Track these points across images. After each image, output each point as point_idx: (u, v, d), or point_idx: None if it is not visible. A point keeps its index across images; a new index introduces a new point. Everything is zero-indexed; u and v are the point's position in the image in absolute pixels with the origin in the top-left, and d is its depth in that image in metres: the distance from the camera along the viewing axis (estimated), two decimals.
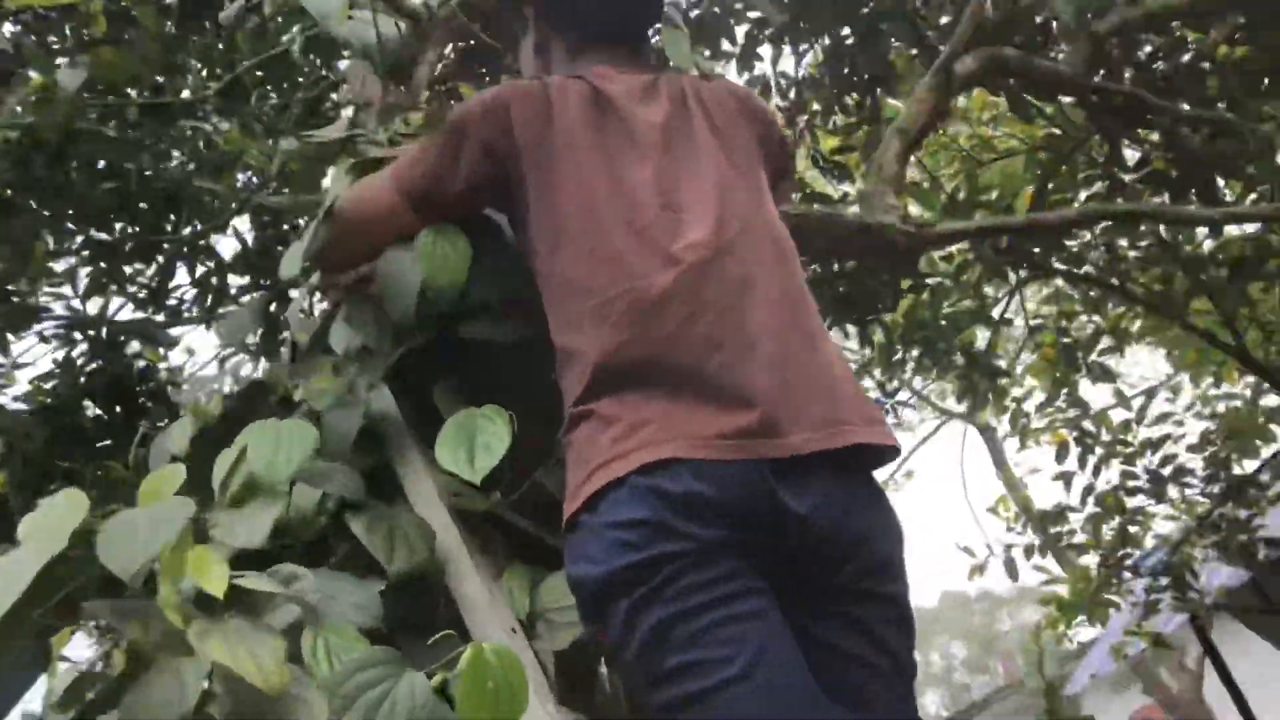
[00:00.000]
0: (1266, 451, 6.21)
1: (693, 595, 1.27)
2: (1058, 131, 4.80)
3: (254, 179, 3.26)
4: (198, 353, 4.48)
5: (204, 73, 3.16)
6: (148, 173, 2.81)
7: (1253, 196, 3.99)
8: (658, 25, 2.07)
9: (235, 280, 3.63)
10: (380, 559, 1.47)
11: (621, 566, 1.29)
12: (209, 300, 3.58)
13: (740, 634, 1.25)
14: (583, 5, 1.78)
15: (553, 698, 1.43)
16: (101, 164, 2.99)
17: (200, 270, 3.59)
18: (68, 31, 3.27)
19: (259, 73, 2.72)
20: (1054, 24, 3.61)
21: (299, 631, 1.28)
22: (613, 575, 1.30)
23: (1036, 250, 4.86)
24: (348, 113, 2.40)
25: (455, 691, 1.26)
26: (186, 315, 3.59)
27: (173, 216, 3.32)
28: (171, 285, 3.57)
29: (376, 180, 1.69)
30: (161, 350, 3.45)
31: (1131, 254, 5.48)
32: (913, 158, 3.40)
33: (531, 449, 1.72)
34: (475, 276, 1.76)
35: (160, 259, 3.50)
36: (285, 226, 3.80)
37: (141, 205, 3.18)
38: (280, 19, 2.25)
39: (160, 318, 3.46)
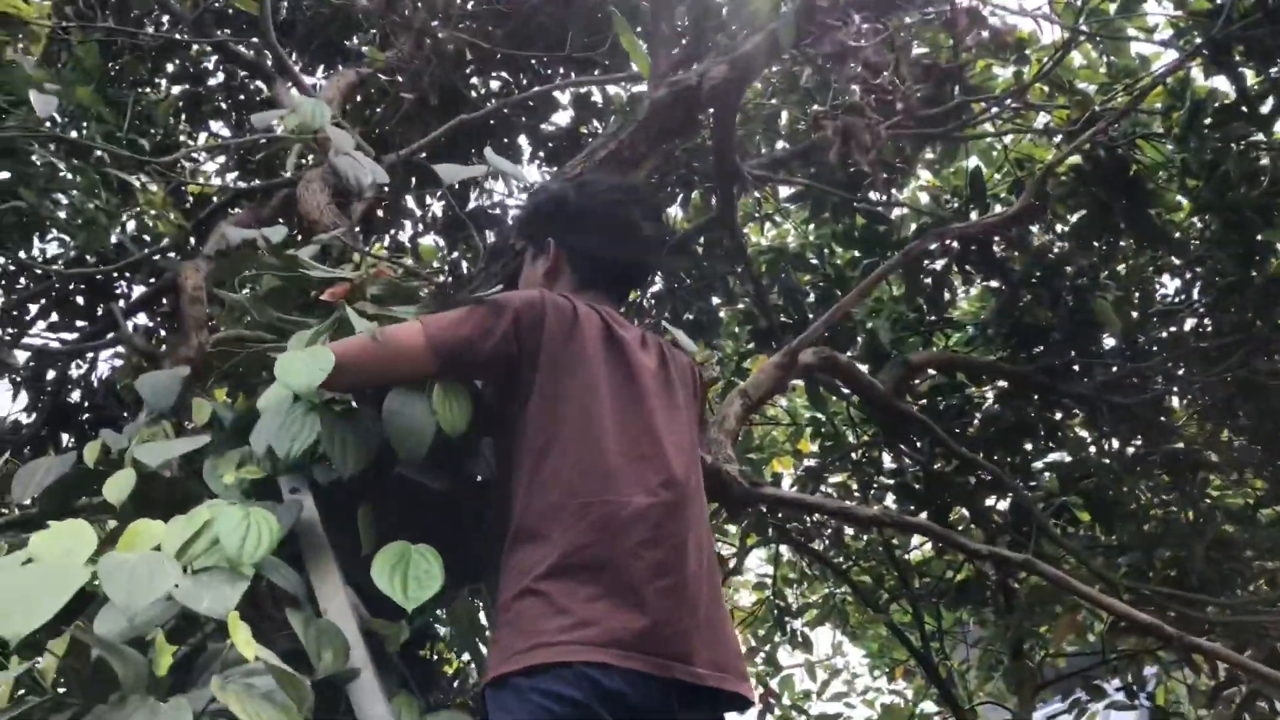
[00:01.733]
0: None
1: None
2: (821, 416, 5.45)
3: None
4: None
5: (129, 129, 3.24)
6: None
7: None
8: None
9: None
10: (311, 658, 1.61)
11: None
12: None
13: None
14: (603, 257, 2.11)
15: None
16: None
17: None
18: None
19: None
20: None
21: None
22: None
23: (780, 515, 5.40)
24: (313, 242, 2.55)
25: None
26: None
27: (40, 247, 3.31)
28: None
29: (409, 327, 1.89)
30: None
31: (855, 544, 6.14)
32: None
33: None
34: None
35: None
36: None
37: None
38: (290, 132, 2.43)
39: None
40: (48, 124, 2.70)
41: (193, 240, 3.16)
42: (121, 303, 3.86)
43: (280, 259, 2.30)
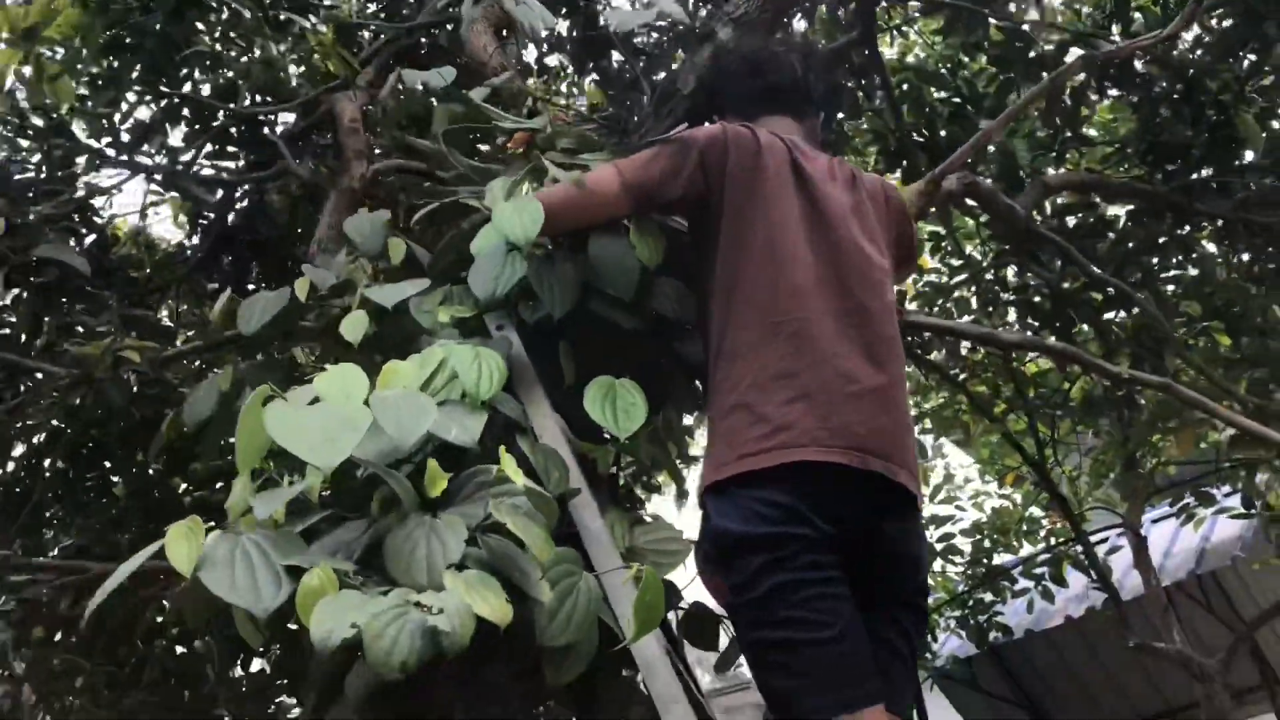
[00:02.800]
0: (1024, 551, 7.15)
1: (809, 570, 1.71)
2: (941, 231, 5.48)
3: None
4: None
5: None
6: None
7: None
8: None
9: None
10: (541, 478, 1.82)
11: (761, 534, 1.73)
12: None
13: (836, 608, 1.70)
14: (760, 82, 2.22)
15: None
16: None
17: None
18: None
19: None
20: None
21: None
22: (753, 537, 1.73)
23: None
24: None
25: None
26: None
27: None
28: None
29: (604, 171, 2.04)
30: None
31: (972, 357, 6.25)
32: None
33: None
34: None
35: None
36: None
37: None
38: None
39: None
40: None
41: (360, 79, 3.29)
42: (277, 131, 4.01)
43: (467, 105, 2.42)
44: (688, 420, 2.65)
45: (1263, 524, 5.81)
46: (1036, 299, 5.03)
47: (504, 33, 2.80)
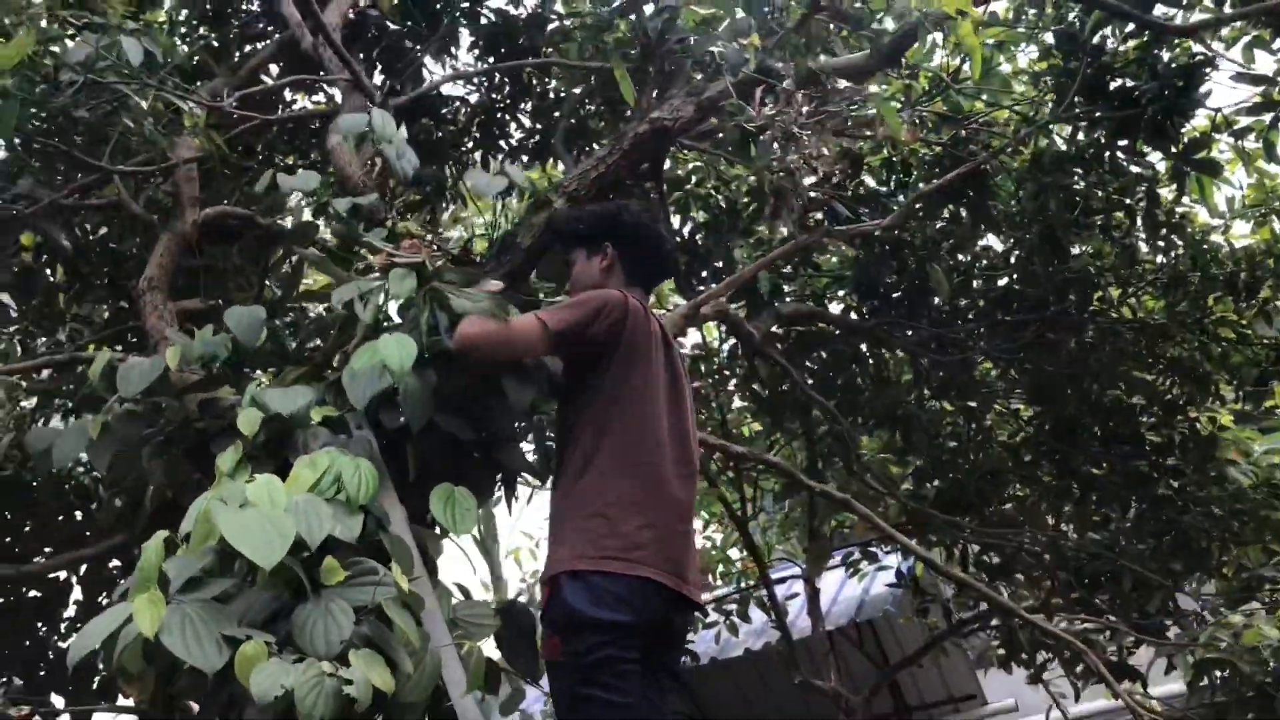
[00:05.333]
0: (719, 589, 8.13)
1: (628, 650, 2.42)
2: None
3: None
4: None
5: None
6: None
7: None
8: None
9: None
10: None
11: (605, 618, 2.40)
12: None
13: (636, 684, 2.42)
14: (647, 261, 2.85)
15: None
16: None
17: None
18: None
19: None
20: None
21: None
22: (599, 620, 2.40)
23: None
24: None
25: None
26: None
27: None
28: None
29: (528, 317, 2.62)
30: None
31: None
32: None
33: None
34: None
35: None
36: None
37: None
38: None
39: None
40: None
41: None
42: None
43: (347, 226, 2.91)
44: None
45: (907, 591, 7.01)
46: (756, 387, 5.97)
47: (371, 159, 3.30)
